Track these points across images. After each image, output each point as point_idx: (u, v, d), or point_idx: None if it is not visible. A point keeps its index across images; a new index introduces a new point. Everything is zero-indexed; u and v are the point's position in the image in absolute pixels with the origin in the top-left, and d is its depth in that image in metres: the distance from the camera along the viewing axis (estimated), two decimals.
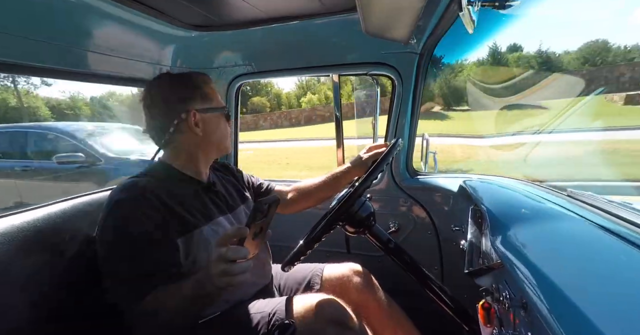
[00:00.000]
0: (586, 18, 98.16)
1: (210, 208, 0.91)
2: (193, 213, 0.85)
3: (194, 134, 0.90)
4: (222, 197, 0.98)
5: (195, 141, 0.91)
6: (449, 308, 0.91)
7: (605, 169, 3.13)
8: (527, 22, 39.92)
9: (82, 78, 1.12)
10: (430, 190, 1.37)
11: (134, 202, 0.78)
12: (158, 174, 0.89)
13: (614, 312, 0.41)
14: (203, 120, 0.91)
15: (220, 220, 0.91)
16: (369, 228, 0.94)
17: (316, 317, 0.78)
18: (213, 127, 0.93)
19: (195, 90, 0.91)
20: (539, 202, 0.88)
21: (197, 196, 0.90)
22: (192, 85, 0.91)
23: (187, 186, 0.90)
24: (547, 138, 4.97)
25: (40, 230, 0.83)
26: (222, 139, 0.96)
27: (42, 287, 0.80)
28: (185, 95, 0.90)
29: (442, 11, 0.91)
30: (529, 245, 0.64)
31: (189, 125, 0.89)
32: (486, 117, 9.85)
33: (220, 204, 0.96)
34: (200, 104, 0.90)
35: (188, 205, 0.85)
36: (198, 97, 0.91)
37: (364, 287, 1.05)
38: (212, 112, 0.93)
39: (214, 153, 0.98)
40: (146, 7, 1.00)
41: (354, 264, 1.12)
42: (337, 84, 1.41)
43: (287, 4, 1.04)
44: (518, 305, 0.52)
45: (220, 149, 0.98)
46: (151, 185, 0.82)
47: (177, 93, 0.90)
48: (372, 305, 1.04)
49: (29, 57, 0.90)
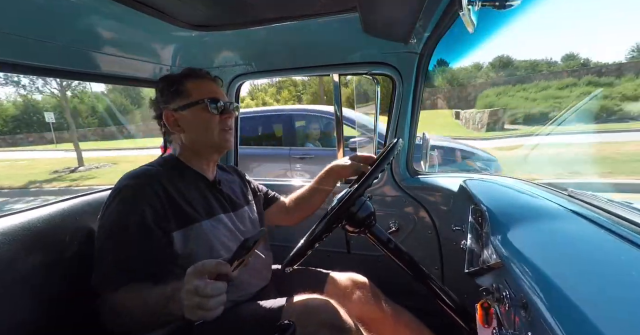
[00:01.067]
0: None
1: (213, 204, 0.93)
2: (195, 206, 0.87)
3: (180, 132, 0.92)
4: (226, 196, 0.99)
5: (186, 139, 0.93)
6: (449, 308, 0.91)
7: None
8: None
9: (82, 77, 1.12)
10: (430, 190, 1.37)
11: (140, 189, 0.80)
12: (167, 165, 0.92)
13: (614, 312, 0.41)
14: (182, 118, 0.91)
15: (221, 217, 0.92)
16: (369, 228, 0.93)
17: (312, 320, 0.78)
18: (194, 123, 0.91)
19: (171, 89, 0.91)
20: (539, 201, 0.88)
21: (201, 191, 0.92)
22: (168, 85, 0.92)
23: (192, 181, 0.92)
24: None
25: (40, 230, 0.83)
26: (205, 132, 0.92)
27: (42, 287, 0.80)
28: (161, 96, 0.93)
29: (442, 11, 0.91)
30: (529, 245, 0.64)
31: (171, 126, 0.92)
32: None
33: (223, 202, 0.97)
34: (176, 102, 0.91)
35: (191, 199, 0.87)
36: (175, 96, 0.91)
37: (368, 299, 1.05)
38: (190, 107, 0.90)
39: (209, 149, 0.96)
40: (146, 7, 0.99)
41: (357, 275, 1.12)
42: (337, 84, 1.40)
43: (287, 4, 1.04)
44: (518, 305, 0.52)
45: (208, 144, 0.94)
46: (160, 174, 0.85)
47: (158, 96, 0.94)
48: (378, 316, 1.04)
49: (30, 56, 0.90)
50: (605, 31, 68.98)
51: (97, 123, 26.47)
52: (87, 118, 26.61)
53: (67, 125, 16.15)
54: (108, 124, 25.12)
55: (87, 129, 25.07)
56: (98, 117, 26.54)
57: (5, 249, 0.75)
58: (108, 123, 25.25)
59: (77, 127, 19.16)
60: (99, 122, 26.38)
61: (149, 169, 0.87)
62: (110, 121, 25.11)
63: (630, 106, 11.40)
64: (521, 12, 0.72)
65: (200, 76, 0.96)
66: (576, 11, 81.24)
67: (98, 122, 26.42)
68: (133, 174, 0.84)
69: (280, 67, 1.42)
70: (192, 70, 0.96)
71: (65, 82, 12.44)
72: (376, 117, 1.46)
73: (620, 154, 5.59)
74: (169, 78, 0.95)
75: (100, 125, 25.80)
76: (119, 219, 0.77)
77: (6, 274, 0.74)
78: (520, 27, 7.45)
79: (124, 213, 0.77)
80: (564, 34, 67.42)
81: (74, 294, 0.86)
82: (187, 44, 1.29)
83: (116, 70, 1.18)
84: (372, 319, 1.02)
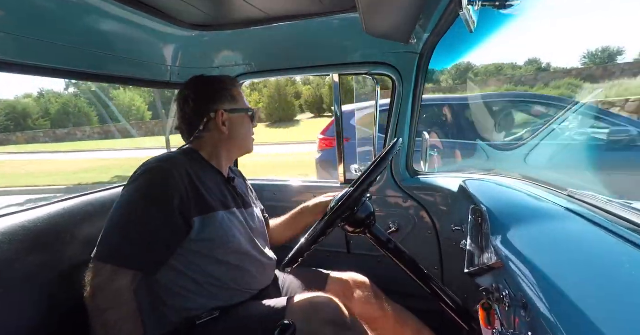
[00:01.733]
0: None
1: (228, 198, 0.97)
2: (214, 197, 0.90)
3: (221, 132, 0.97)
4: (238, 193, 1.03)
5: (221, 139, 0.99)
6: (449, 308, 0.91)
7: None
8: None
9: (82, 77, 1.12)
10: (430, 190, 1.37)
11: (169, 173, 0.82)
12: (189, 157, 0.94)
13: (614, 311, 0.41)
14: (230, 120, 0.98)
15: (235, 211, 0.96)
16: (369, 228, 0.94)
17: (314, 318, 0.78)
18: (238, 127, 1.00)
19: (224, 92, 0.99)
20: (539, 201, 0.88)
21: (218, 185, 0.96)
22: (221, 88, 0.99)
23: (211, 174, 0.96)
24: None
25: (40, 230, 0.83)
26: (245, 138, 1.03)
27: (42, 287, 0.80)
28: (215, 96, 0.98)
29: (442, 11, 0.91)
30: (529, 245, 0.64)
31: (217, 124, 0.96)
32: None
33: (236, 197, 1.00)
34: (227, 105, 0.98)
35: (210, 189, 0.90)
36: (226, 99, 0.98)
37: (369, 299, 1.06)
38: (238, 113, 1.00)
39: (236, 151, 1.05)
40: (146, 7, 0.99)
41: (357, 275, 1.13)
42: (337, 84, 1.41)
43: (287, 4, 1.04)
44: (518, 305, 0.52)
45: (242, 148, 1.05)
46: (184, 162, 0.88)
47: (208, 94, 0.98)
48: (379, 316, 1.04)
49: (30, 56, 0.90)
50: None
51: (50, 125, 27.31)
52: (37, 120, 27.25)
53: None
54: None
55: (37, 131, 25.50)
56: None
57: (5, 249, 0.75)
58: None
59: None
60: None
61: (175, 156, 0.90)
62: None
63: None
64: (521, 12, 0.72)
65: (238, 85, 1.05)
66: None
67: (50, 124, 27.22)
68: (160, 158, 0.87)
69: (280, 67, 1.42)
70: (228, 77, 1.05)
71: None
72: (376, 116, 1.46)
73: None
74: (213, 79, 1.01)
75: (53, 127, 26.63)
76: (144, 198, 0.79)
77: (6, 274, 0.74)
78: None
79: (151, 194, 0.80)
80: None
81: (74, 294, 0.86)
82: (187, 44, 1.29)
83: (116, 71, 1.18)
84: (373, 318, 1.02)
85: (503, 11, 0.65)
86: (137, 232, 0.77)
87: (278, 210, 1.28)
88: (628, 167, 2.62)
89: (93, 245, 0.81)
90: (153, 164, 0.84)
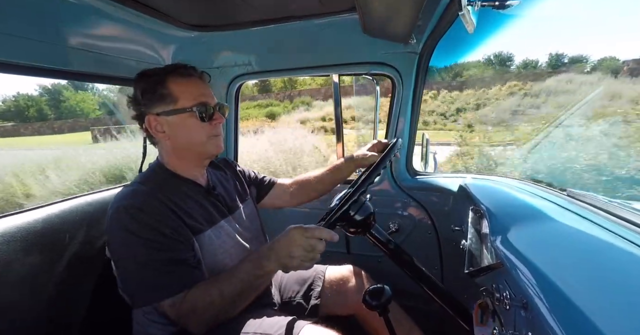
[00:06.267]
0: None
1: (212, 212, 0.89)
2: (195, 218, 0.83)
3: (164, 138, 0.84)
4: (222, 199, 0.96)
5: (170, 145, 0.85)
6: (449, 308, 0.91)
7: None
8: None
9: (81, 78, 1.12)
10: (430, 190, 1.37)
11: (147, 205, 0.75)
12: (156, 179, 0.84)
13: (613, 311, 0.41)
14: (168, 124, 0.82)
15: (222, 224, 0.90)
16: (369, 228, 0.93)
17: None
18: (181, 130, 0.83)
19: (155, 92, 0.82)
20: (539, 202, 0.88)
21: (197, 201, 0.87)
22: (150, 87, 0.82)
23: (186, 190, 0.86)
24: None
25: (40, 230, 0.83)
26: (194, 141, 0.85)
27: (42, 287, 0.80)
28: (144, 98, 0.82)
29: (442, 11, 0.91)
30: (529, 245, 0.64)
31: (153, 131, 0.84)
32: None
33: (220, 206, 0.93)
34: (161, 107, 0.82)
35: (190, 210, 0.83)
36: (156, 99, 0.82)
37: (363, 289, 1.05)
38: (177, 114, 0.82)
39: (196, 156, 0.89)
40: (146, 8, 0.99)
41: (354, 267, 1.13)
42: (337, 84, 1.41)
43: (286, 4, 1.04)
44: (518, 305, 0.52)
45: (200, 152, 0.87)
46: (154, 192, 0.79)
47: (136, 97, 0.84)
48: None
49: (29, 57, 0.90)
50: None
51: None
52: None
53: None
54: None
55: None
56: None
57: (5, 249, 0.75)
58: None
59: None
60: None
61: (138, 188, 0.80)
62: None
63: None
64: (521, 12, 0.73)
65: (185, 75, 0.84)
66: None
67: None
68: (124, 195, 0.78)
69: (280, 67, 1.42)
70: (176, 67, 0.84)
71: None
72: (376, 116, 1.46)
73: None
74: (150, 76, 0.83)
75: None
76: (135, 236, 0.73)
77: (6, 274, 0.74)
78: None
79: (136, 229, 0.74)
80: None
81: (73, 294, 0.86)
82: (187, 44, 1.29)
83: (116, 71, 1.18)
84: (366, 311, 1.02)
85: (502, 11, 0.65)
86: (160, 262, 0.74)
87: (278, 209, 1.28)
88: None
89: (92, 246, 0.80)
90: (123, 202, 0.75)
